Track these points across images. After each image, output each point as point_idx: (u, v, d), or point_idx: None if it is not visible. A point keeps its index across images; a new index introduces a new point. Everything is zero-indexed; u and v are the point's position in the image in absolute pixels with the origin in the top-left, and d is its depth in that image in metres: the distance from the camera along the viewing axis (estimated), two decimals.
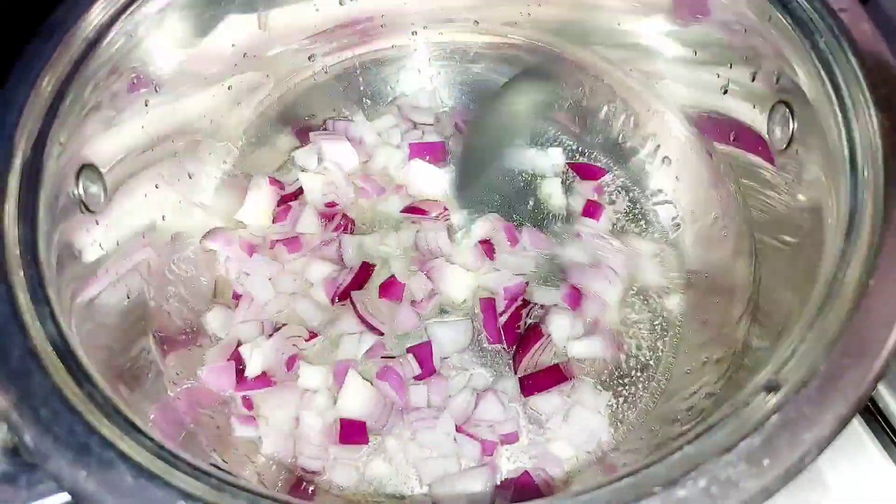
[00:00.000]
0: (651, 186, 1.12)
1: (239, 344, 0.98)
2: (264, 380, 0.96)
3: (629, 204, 1.12)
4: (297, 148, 1.17)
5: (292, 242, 1.07)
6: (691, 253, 1.05)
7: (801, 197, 0.79)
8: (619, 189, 1.13)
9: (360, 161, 1.16)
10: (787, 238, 0.81)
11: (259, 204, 1.11)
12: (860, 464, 0.84)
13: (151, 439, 0.58)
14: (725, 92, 0.94)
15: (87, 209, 0.81)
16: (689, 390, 0.89)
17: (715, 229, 1.01)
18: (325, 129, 1.19)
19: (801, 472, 0.52)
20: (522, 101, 1.16)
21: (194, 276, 1.04)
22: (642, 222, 1.10)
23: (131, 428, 0.58)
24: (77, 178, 0.79)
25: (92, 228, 0.81)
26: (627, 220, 1.11)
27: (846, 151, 0.70)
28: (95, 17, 0.82)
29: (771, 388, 0.56)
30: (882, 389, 0.90)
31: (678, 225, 1.08)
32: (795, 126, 0.80)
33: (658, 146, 1.11)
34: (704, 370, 0.90)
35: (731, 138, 0.95)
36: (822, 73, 0.74)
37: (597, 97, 1.15)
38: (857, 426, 0.90)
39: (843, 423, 0.53)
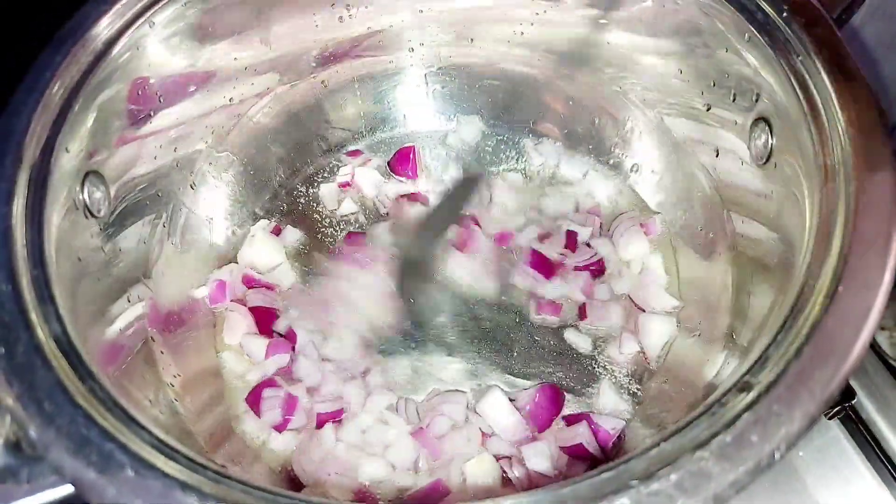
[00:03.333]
0: (636, 200, 1.15)
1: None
2: None
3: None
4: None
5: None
6: (682, 263, 1.08)
7: (779, 209, 0.82)
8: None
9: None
10: (767, 249, 0.84)
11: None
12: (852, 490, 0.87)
13: (150, 433, 0.61)
14: (709, 109, 0.97)
15: (92, 214, 0.84)
16: None
17: (700, 241, 1.04)
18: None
19: (770, 467, 0.54)
20: None
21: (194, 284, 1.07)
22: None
23: (131, 421, 0.61)
24: (82, 184, 0.82)
25: (95, 232, 0.84)
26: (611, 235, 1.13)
27: (821, 165, 0.73)
28: (104, 29, 0.85)
29: (744, 388, 0.59)
30: (874, 415, 0.94)
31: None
32: (774, 142, 0.83)
33: (643, 161, 1.14)
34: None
35: (716, 154, 0.98)
36: (798, 91, 0.78)
37: (582, 114, 1.18)
38: (849, 449, 0.94)
39: (812, 421, 0.56)
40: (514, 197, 1.17)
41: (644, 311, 1.05)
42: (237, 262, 1.12)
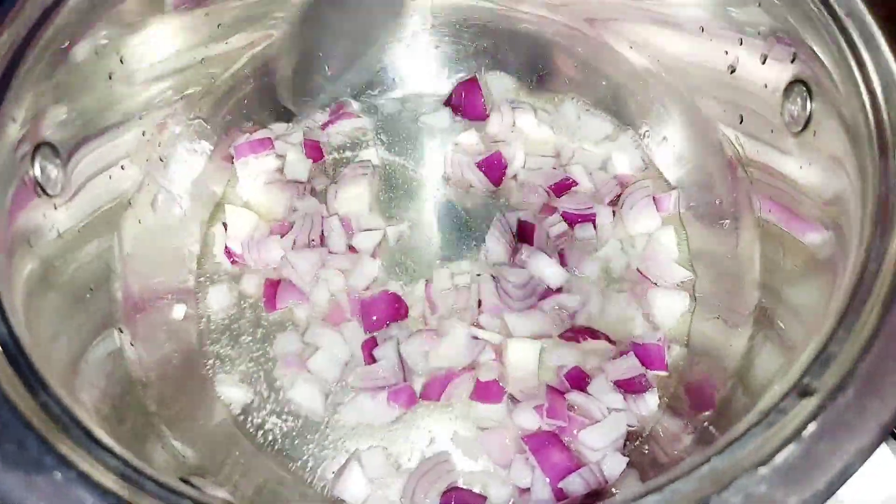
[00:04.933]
0: (652, 169, 1.07)
1: None
2: None
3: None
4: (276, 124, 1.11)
5: None
6: (696, 238, 1.01)
7: (820, 184, 0.74)
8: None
9: None
10: (805, 225, 0.77)
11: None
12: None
13: (116, 456, 0.52)
14: (733, 71, 0.88)
15: (44, 192, 0.73)
16: None
17: (720, 215, 0.96)
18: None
19: (842, 487, 0.47)
20: None
21: (173, 256, 0.98)
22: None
23: (93, 444, 0.52)
24: (33, 158, 0.72)
25: (49, 213, 0.74)
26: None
27: (873, 134, 0.65)
28: None
29: (804, 392, 0.51)
30: None
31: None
32: (814, 107, 0.75)
33: (658, 126, 1.05)
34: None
35: (739, 120, 0.90)
36: (845, 48, 0.69)
37: (597, 74, 1.09)
38: None
39: (886, 431, 0.49)
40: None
41: (656, 284, 0.97)
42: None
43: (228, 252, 1.02)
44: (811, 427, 0.49)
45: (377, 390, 0.90)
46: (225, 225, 1.03)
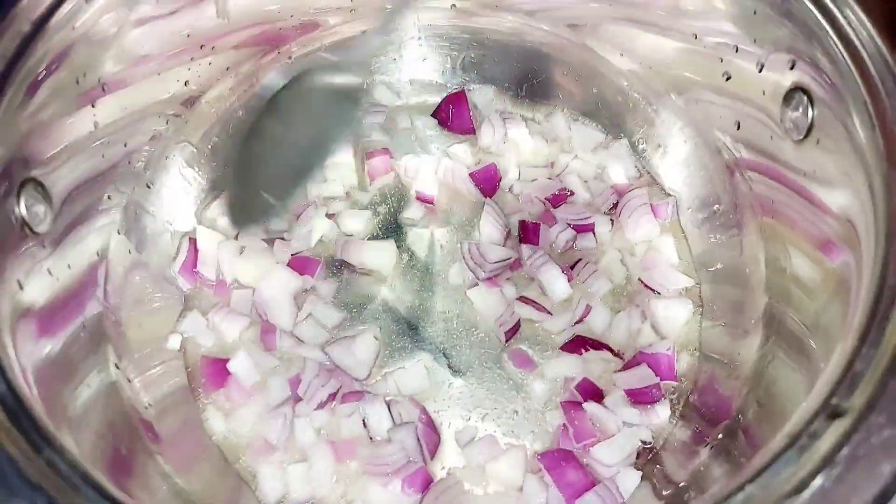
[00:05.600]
0: (647, 177, 1.06)
1: None
2: None
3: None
4: None
5: None
6: (697, 244, 1.00)
7: (825, 192, 0.74)
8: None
9: None
10: (811, 233, 0.76)
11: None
12: None
13: None
14: (728, 79, 0.88)
15: (32, 231, 0.70)
16: None
17: (720, 220, 0.96)
18: None
19: None
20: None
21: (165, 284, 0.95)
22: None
23: (104, 500, 0.49)
24: (18, 195, 0.68)
25: (38, 253, 0.71)
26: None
27: (879, 142, 0.65)
28: (35, 4, 0.71)
29: (834, 414, 0.51)
30: None
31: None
32: (815, 114, 0.74)
33: (653, 134, 1.05)
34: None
35: (737, 127, 0.89)
36: (846, 56, 0.69)
37: (586, 82, 1.08)
38: None
39: None
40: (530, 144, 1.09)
41: (659, 293, 0.97)
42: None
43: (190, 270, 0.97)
44: (845, 450, 0.48)
45: (387, 476, 0.83)
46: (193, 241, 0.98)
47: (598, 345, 0.93)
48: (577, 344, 0.93)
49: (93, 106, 0.81)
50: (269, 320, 0.93)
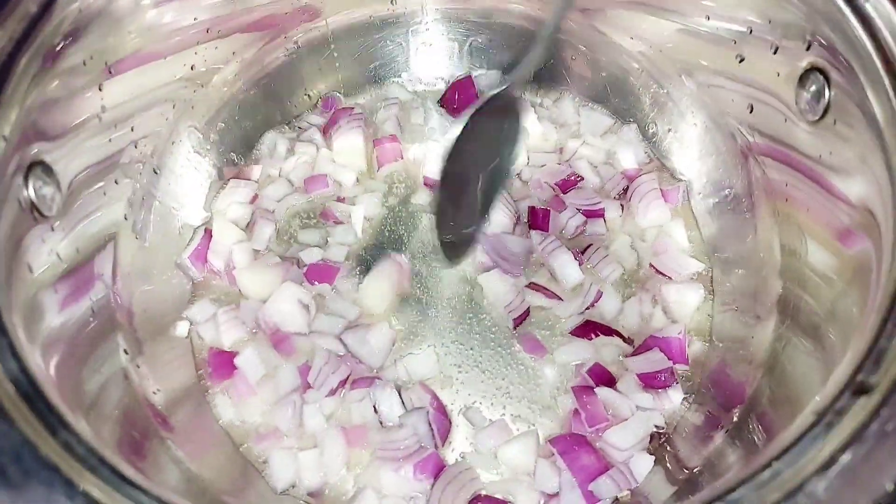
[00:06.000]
0: (657, 161, 1.06)
1: None
2: None
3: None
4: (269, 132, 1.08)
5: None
6: (709, 229, 1.00)
7: (841, 174, 0.73)
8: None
9: None
10: (828, 217, 0.76)
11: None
12: None
13: (146, 492, 0.49)
14: (742, 60, 0.87)
15: (41, 214, 0.69)
16: None
17: (733, 204, 0.95)
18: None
19: None
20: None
21: (173, 270, 0.95)
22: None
23: (121, 482, 0.49)
24: (26, 178, 0.67)
25: (48, 236, 0.70)
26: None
27: None
28: None
29: (860, 390, 0.50)
30: None
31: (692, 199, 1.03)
32: (832, 94, 0.73)
33: (662, 118, 1.04)
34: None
35: (750, 110, 0.88)
36: (864, 34, 0.68)
37: (595, 66, 1.07)
38: None
39: None
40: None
41: (670, 278, 0.96)
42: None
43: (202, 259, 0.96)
44: (873, 426, 0.47)
45: (399, 461, 0.82)
46: (209, 232, 0.97)
47: (608, 330, 0.92)
48: (588, 329, 0.93)
49: (100, 89, 0.80)
50: (282, 329, 0.92)
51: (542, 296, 0.95)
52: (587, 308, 0.94)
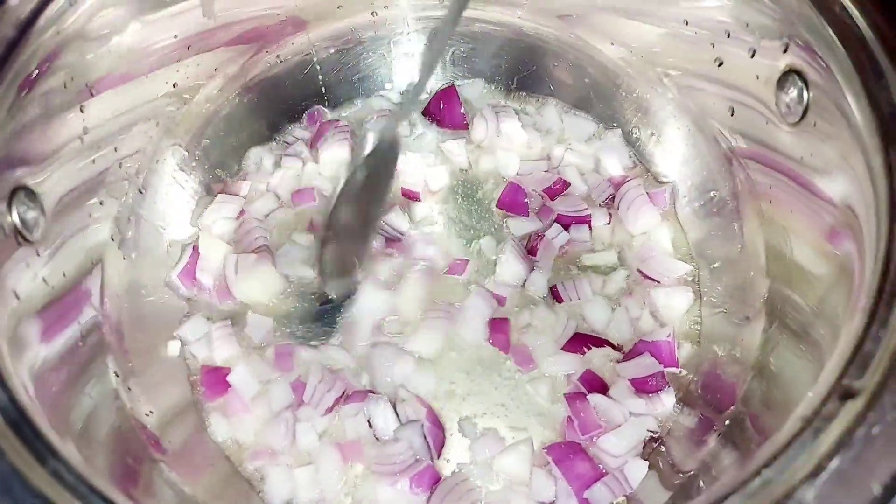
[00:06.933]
0: (642, 166, 1.06)
1: None
2: None
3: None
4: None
5: None
6: (695, 232, 1.00)
7: (823, 176, 0.74)
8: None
9: None
10: (811, 218, 0.76)
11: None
12: None
13: None
14: (721, 64, 0.88)
15: (25, 239, 0.69)
16: None
17: (718, 207, 0.96)
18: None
19: None
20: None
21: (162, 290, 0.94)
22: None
23: None
24: (10, 204, 0.67)
25: (32, 261, 0.69)
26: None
27: (875, 125, 0.65)
28: (16, 5, 0.69)
29: (846, 394, 0.51)
30: None
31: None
32: (811, 96, 0.74)
33: (646, 122, 1.05)
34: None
35: (731, 113, 0.89)
36: (838, 36, 0.69)
37: (577, 72, 1.07)
38: None
39: None
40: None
41: (658, 282, 0.97)
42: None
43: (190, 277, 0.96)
44: (860, 431, 0.48)
45: (395, 475, 0.82)
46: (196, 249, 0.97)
47: (599, 342, 0.92)
48: (579, 343, 0.92)
49: (81, 111, 0.80)
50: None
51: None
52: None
